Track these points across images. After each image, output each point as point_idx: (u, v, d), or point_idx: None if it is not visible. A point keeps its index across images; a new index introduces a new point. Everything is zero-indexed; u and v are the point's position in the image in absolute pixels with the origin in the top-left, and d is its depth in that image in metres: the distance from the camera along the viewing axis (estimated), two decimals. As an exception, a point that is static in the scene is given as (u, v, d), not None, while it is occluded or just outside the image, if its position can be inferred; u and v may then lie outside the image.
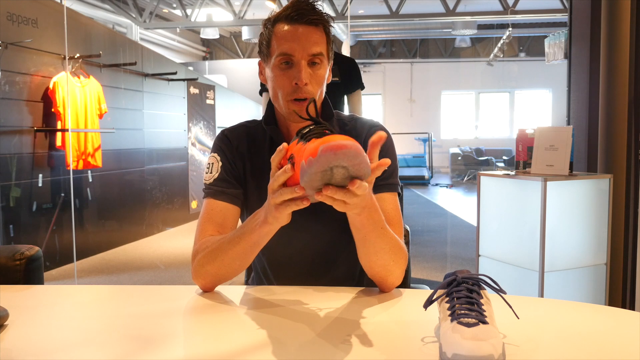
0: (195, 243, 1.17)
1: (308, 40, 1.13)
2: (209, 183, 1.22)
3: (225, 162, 1.23)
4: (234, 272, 1.10)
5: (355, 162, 0.78)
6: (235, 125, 1.30)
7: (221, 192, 1.21)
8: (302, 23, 1.14)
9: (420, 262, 4.77)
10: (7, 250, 1.30)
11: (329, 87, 1.26)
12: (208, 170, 1.24)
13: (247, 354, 0.83)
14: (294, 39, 1.13)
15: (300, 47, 1.13)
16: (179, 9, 9.56)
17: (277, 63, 1.15)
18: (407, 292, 1.14)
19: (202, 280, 1.13)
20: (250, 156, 1.25)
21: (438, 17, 9.71)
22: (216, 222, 1.18)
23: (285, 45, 1.13)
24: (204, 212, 1.20)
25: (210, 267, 1.10)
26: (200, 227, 1.19)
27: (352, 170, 0.79)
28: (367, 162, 0.80)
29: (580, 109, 3.14)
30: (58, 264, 4.60)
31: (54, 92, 4.46)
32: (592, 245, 2.57)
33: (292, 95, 1.14)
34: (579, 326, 0.94)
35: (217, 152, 1.25)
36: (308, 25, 1.14)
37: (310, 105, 0.91)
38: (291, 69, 1.14)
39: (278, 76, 1.15)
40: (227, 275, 1.11)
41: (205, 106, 7.53)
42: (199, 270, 1.12)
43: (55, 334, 0.94)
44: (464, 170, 12.51)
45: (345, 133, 1.14)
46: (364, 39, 14.01)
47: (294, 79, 1.13)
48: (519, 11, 8.91)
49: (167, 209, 6.59)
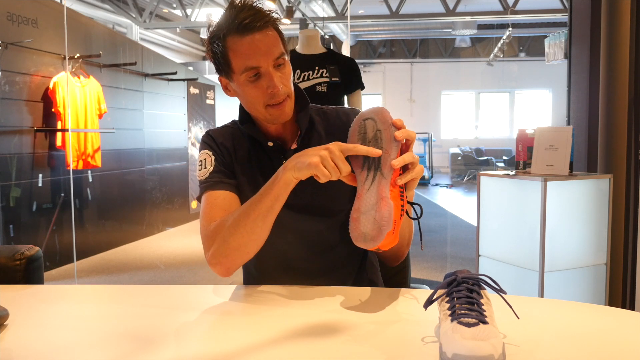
0: (206, 229, 1.15)
1: (268, 48, 1.12)
2: (205, 177, 1.22)
3: (217, 156, 1.24)
4: (257, 239, 1.09)
5: (379, 114, 1.02)
6: (217, 127, 1.33)
7: (220, 182, 1.21)
8: (255, 31, 1.11)
9: (420, 262, 4.77)
10: (7, 250, 1.30)
11: (329, 87, 1.27)
12: (201, 166, 1.24)
13: (246, 354, 0.83)
14: (254, 51, 1.11)
15: (264, 56, 1.12)
16: (179, 9, 9.55)
17: (246, 78, 1.14)
18: (407, 292, 1.14)
19: (224, 259, 1.11)
20: (235, 151, 1.26)
21: (438, 17, 9.71)
22: (222, 208, 1.17)
23: (249, 60, 1.11)
24: (207, 204, 1.19)
25: (232, 241, 1.09)
26: (207, 216, 1.17)
27: (378, 122, 1.01)
28: (389, 116, 1.01)
29: (580, 109, 3.14)
30: (58, 264, 4.60)
31: (54, 92, 4.46)
32: (592, 245, 2.57)
33: (269, 102, 1.15)
34: (579, 326, 0.94)
35: (206, 148, 1.26)
36: (261, 31, 1.11)
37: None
38: (260, 79, 1.13)
39: (251, 90, 1.15)
40: (250, 246, 1.10)
41: (205, 106, 7.53)
42: (221, 247, 1.10)
43: (55, 334, 0.94)
44: (464, 170, 12.51)
45: (327, 120, 1.28)
46: (364, 39, 14.01)
47: (268, 87, 1.13)
48: (519, 11, 8.90)
49: (167, 209, 6.59)
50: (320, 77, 2.94)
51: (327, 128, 1.27)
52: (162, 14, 10.52)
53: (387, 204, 0.95)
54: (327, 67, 2.96)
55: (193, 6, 9.33)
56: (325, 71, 2.95)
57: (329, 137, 1.25)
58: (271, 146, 1.22)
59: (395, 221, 0.96)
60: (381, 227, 0.94)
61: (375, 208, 0.96)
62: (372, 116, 1.03)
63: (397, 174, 0.99)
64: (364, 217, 0.97)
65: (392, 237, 0.97)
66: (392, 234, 0.96)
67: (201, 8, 9.28)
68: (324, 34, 10.23)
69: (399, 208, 0.98)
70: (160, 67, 6.47)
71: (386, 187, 0.97)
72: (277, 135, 1.24)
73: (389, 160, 0.98)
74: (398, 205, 0.97)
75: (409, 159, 0.99)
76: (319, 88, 2.93)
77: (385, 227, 0.94)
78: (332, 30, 11.20)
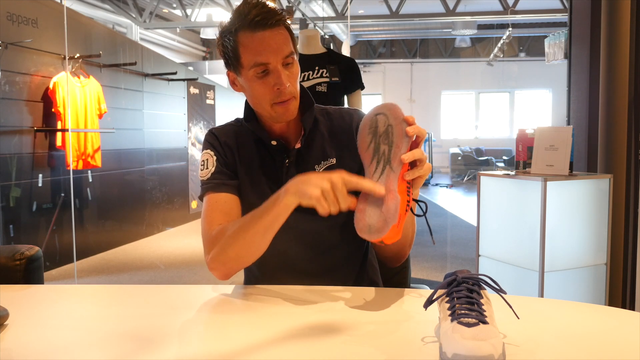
0: (207, 233, 1.16)
1: (278, 45, 1.13)
2: (207, 178, 1.23)
3: (219, 156, 1.24)
4: (255, 252, 1.11)
5: (391, 109, 1.03)
6: (221, 125, 1.32)
7: (221, 184, 1.21)
8: (266, 28, 1.12)
9: (420, 262, 4.77)
10: (7, 250, 1.30)
11: (329, 87, 1.28)
12: (203, 166, 1.24)
13: (246, 354, 0.83)
14: (264, 47, 1.12)
15: (273, 53, 1.13)
16: (179, 9, 9.55)
17: (254, 74, 1.14)
18: (407, 292, 1.14)
19: (222, 266, 1.13)
20: (238, 150, 1.26)
21: (438, 17, 9.71)
22: (223, 212, 1.18)
23: (259, 56, 1.13)
24: (208, 206, 1.20)
25: (231, 251, 1.10)
26: (208, 219, 1.18)
27: (390, 117, 1.02)
28: (401, 112, 1.02)
29: (580, 109, 3.14)
30: (58, 264, 4.60)
31: (54, 92, 4.46)
32: (592, 245, 2.57)
33: (276, 100, 1.16)
34: (579, 326, 0.94)
35: (209, 148, 1.26)
36: (272, 28, 1.13)
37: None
38: (268, 76, 1.14)
39: (258, 85, 1.16)
40: (247, 257, 1.12)
41: (205, 106, 7.53)
42: (220, 256, 1.12)
43: (55, 334, 0.94)
44: (464, 170, 12.51)
45: (331, 120, 1.28)
46: (364, 39, 14.01)
47: (275, 85, 1.14)
48: (519, 11, 8.90)
49: (167, 209, 6.59)
50: (320, 77, 2.94)
51: (331, 128, 1.27)
52: (162, 14, 10.52)
53: (394, 197, 0.96)
54: (327, 67, 2.96)
55: (193, 6, 9.32)
56: (325, 71, 2.95)
57: (332, 137, 1.26)
58: (274, 145, 1.23)
59: (401, 215, 0.97)
60: (387, 219, 0.95)
61: (382, 200, 0.97)
62: (383, 111, 1.04)
63: (405, 169, 1.00)
64: (370, 208, 0.98)
65: (396, 230, 0.98)
66: (396, 227, 0.97)
67: (201, 8, 9.28)
68: (324, 34, 10.23)
69: (405, 203, 0.98)
70: (160, 67, 6.47)
71: (394, 181, 0.98)
72: (280, 134, 1.25)
73: (398, 155, 0.99)
74: (404, 200, 0.98)
75: (418, 155, 1.00)
76: (319, 88, 2.93)
77: (391, 220, 0.95)
78: (332, 30, 11.20)
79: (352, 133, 1.23)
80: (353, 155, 1.19)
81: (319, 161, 1.24)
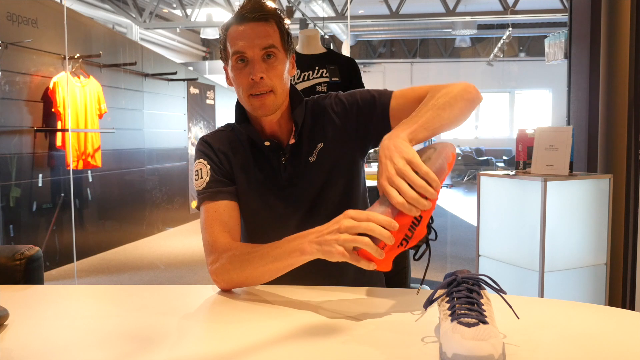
0: (209, 244, 1.16)
1: (258, 36, 1.16)
2: (202, 188, 1.23)
3: (212, 164, 1.25)
4: (262, 282, 1.11)
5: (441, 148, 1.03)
6: (212, 132, 1.33)
7: (217, 193, 1.22)
8: (250, 21, 1.17)
9: (421, 262, 4.76)
10: (7, 250, 1.30)
11: (329, 87, 1.28)
12: (197, 176, 1.24)
13: (246, 354, 0.83)
14: (244, 37, 1.17)
15: (251, 43, 1.16)
16: (179, 9, 9.55)
17: (234, 63, 1.18)
18: (407, 292, 1.14)
19: (224, 284, 1.13)
20: (233, 154, 1.26)
21: (438, 17, 9.72)
22: (223, 221, 1.19)
23: (238, 44, 1.17)
24: (207, 216, 1.20)
25: (236, 275, 1.10)
26: (208, 229, 1.18)
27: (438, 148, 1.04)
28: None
29: (580, 109, 3.14)
30: (58, 264, 4.60)
31: (54, 92, 4.46)
32: (592, 245, 2.57)
33: (250, 91, 1.17)
34: (579, 326, 0.94)
35: (201, 157, 1.26)
36: (256, 22, 1.17)
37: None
38: (246, 66, 1.17)
39: (236, 75, 1.19)
40: (253, 284, 1.12)
41: (205, 106, 7.53)
42: (222, 273, 1.12)
43: (55, 334, 0.94)
44: (464, 170, 12.51)
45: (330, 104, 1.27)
46: (364, 39, 14.02)
47: (250, 75, 1.16)
48: (519, 11, 8.91)
49: (167, 209, 6.59)
50: (320, 77, 2.94)
51: (314, 111, 1.28)
52: (162, 14, 10.53)
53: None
54: (327, 67, 2.96)
55: (193, 6, 9.33)
56: (325, 71, 2.95)
57: (316, 120, 1.27)
58: (268, 145, 1.23)
59: (388, 247, 0.92)
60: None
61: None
62: (436, 147, 1.06)
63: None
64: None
65: (388, 262, 0.95)
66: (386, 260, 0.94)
67: (201, 8, 9.28)
68: (324, 34, 10.23)
69: (401, 236, 0.94)
70: (160, 67, 6.47)
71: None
72: (272, 133, 1.25)
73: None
74: (402, 232, 0.93)
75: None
76: (319, 88, 2.93)
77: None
78: (332, 30, 11.21)
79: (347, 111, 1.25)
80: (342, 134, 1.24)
81: (311, 152, 1.24)
